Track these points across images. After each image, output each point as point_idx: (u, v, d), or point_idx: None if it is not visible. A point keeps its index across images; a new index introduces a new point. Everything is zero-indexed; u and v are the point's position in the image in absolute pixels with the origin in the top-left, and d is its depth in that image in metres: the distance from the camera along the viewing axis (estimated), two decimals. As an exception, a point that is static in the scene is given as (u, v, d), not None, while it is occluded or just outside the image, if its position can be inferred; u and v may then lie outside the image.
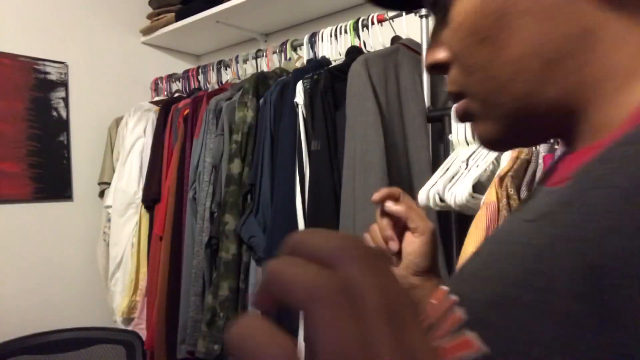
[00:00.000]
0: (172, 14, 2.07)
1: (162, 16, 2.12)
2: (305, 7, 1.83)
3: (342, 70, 1.25)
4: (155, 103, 1.96)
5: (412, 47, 1.33)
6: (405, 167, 1.22)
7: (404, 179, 1.21)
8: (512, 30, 0.33)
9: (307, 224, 1.19)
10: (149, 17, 2.19)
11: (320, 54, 1.46)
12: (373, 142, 1.11)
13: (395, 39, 1.37)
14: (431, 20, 1.30)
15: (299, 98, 1.24)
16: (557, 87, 0.33)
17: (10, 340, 1.70)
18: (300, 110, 1.24)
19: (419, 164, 1.22)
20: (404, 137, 1.23)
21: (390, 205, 0.60)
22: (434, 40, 0.38)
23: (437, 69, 0.38)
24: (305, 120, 1.24)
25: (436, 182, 1.05)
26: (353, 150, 1.13)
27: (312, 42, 1.49)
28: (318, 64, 1.37)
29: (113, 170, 1.91)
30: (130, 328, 1.81)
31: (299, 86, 1.25)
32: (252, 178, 1.33)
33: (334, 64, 1.39)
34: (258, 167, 1.32)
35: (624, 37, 0.31)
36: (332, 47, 1.44)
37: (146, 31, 2.19)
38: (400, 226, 0.61)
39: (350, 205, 1.12)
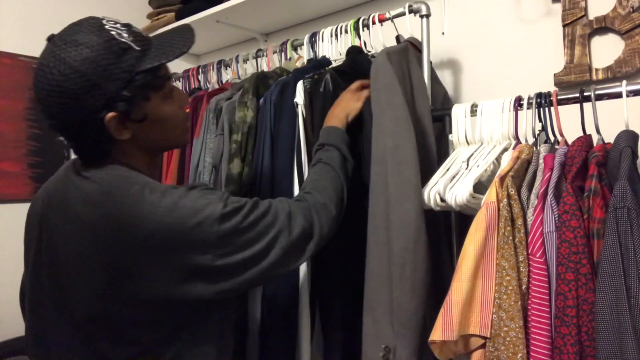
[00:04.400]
0: (172, 14, 2.07)
1: (162, 16, 2.12)
2: (305, 7, 1.83)
3: (344, 70, 1.24)
4: (155, 103, 1.95)
5: (416, 46, 1.32)
6: (423, 164, 1.18)
7: (430, 175, 1.17)
8: None
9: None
10: (149, 16, 2.18)
11: (320, 54, 1.46)
12: (404, 137, 1.07)
13: (400, 38, 1.36)
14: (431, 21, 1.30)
15: (299, 98, 1.23)
16: None
17: (10, 339, 1.70)
18: (300, 110, 1.23)
19: (429, 161, 1.20)
20: (420, 134, 1.20)
21: None
22: None
23: None
24: (305, 120, 1.23)
25: (437, 182, 1.05)
26: (383, 146, 1.08)
27: (312, 42, 1.49)
28: (318, 64, 1.37)
29: (113, 170, 1.90)
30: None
31: (299, 86, 1.24)
32: (251, 178, 1.33)
33: (334, 63, 1.39)
34: (258, 167, 1.32)
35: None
36: (333, 46, 1.43)
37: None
38: None
39: (382, 202, 1.07)
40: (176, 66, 2.29)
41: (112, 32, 0.83)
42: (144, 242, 0.79)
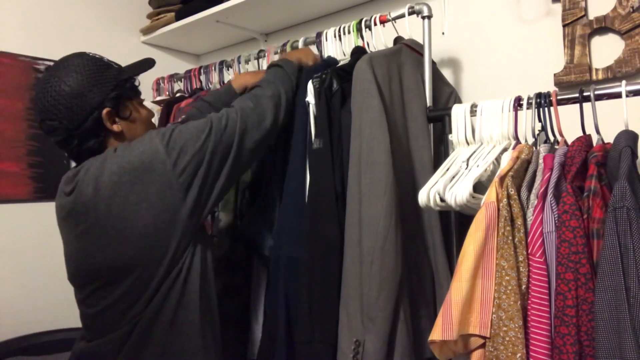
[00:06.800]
0: (172, 14, 2.07)
1: (162, 16, 2.12)
2: (305, 7, 1.84)
3: (347, 70, 1.24)
4: (157, 103, 1.96)
5: (414, 48, 1.33)
6: (409, 166, 1.21)
7: (409, 177, 1.20)
8: None
9: (306, 222, 1.18)
10: (149, 16, 2.19)
11: (322, 55, 1.46)
12: (378, 140, 1.10)
13: (398, 40, 1.37)
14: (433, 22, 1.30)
15: (310, 97, 1.24)
16: None
17: (9, 340, 1.70)
18: (312, 109, 1.24)
19: (421, 163, 1.21)
20: (407, 136, 1.22)
21: None
22: None
23: None
24: (315, 118, 1.23)
25: (436, 182, 1.05)
26: (359, 147, 1.12)
27: (315, 43, 1.49)
28: (326, 64, 1.37)
29: (113, 169, 1.90)
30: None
31: (309, 85, 1.25)
32: (259, 175, 1.33)
33: (340, 64, 1.39)
34: (269, 165, 1.32)
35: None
36: (335, 47, 1.43)
37: (146, 31, 2.19)
38: None
39: (356, 202, 1.11)
40: (176, 66, 2.29)
41: (96, 56, 1.12)
42: (120, 183, 1.00)
